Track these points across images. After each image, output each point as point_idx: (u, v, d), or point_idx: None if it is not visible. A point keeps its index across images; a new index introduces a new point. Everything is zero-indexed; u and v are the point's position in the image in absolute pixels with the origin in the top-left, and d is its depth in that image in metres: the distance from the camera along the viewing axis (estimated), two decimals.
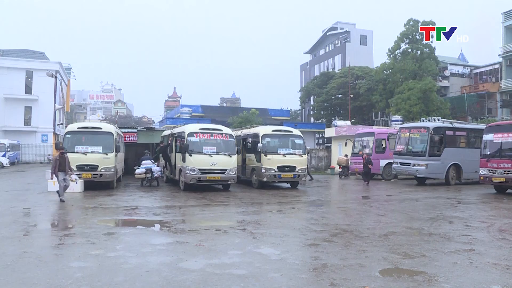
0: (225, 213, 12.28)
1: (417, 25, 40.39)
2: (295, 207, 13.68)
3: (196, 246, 7.59)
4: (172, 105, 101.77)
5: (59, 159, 13.67)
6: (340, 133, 34.36)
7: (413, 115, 36.24)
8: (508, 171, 16.48)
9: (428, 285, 5.49)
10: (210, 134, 17.80)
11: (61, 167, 13.64)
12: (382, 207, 13.64)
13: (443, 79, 49.57)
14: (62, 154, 13.84)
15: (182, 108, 53.05)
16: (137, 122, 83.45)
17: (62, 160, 13.71)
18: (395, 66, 41.45)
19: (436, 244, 7.87)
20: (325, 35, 71.09)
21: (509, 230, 9.54)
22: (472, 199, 15.94)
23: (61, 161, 13.67)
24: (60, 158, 13.71)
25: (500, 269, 6.30)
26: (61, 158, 13.73)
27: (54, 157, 14.11)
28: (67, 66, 58.89)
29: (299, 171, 18.92)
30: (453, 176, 21.44)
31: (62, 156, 13.79)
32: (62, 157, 13.77)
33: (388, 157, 24.85)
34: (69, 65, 60.86)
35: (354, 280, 5.63)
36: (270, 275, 5.87)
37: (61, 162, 13.68)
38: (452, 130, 21.90)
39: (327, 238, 8.39)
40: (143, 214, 11.63)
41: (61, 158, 13.72)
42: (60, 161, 13.66)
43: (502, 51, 42.62)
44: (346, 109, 48.44)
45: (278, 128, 20.71)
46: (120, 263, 6.42)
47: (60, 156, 13.77)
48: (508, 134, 17.03)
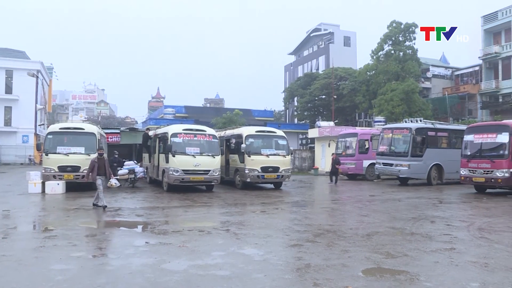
0: (209, 214, 12.25)
1: (400, 27, 40.71)
2: (279, 207, 13.70)
3: (179, 247, 7.55)
4: (155, 106, 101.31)
5: (98, 162, 12.42)
6: (324, 133, 34.50)
7: (396, 116, 36.51)
8: (488, 171, 16.73)
9: (410, 284, 5.54)
10: (193, 135, 17.74)
11: (100, 171, 12.39)
12: (365, 207, 13.73)
13: (425, 80, 50.07)
14: (101, 155, 12.64)
15: (165, 109, 52.85)
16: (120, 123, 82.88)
17: (101, 163, 12.47)
18: (378, 67, 41.73)
19: (418, 244, 7.94)
20: (309, 36, 71.30)
21: (488, 229, 9.68)
22: (453, 199, 16.14)
23: (100, 164, 12.42)
24: (99, 161, 12.46)
25: (479, 267, 6.41)
26: (100, 160, 12.50)
27: (92, 159, 12.67)
28: (49, 66, 58.17)
29: (283, 171, 18.95)
30: (434, 176, 21.68)
31: (101, 158, 12.58)
32: (101, 159, 12.55)
33: (371, 157, 25.01)
34: (51, 64, 60.16)
35: (337, 280, 5.65)
36: (253, 275, 5.87)
37: (100, 165, 12.42)
38: (434, 131, 22.16)
39: (310, 238, 8.42)
40: (126, 215, 11.54)
41: (100, 161, 12.48)
42: (99, 164, 12.42)
43: (482, 54, 43.24)
44: (330, 110, 48.69)
45: (262, 129, 20.73)
46: (102, 265, 6.37)
47: (99, 158, 12.54)
48: (488, 134, 17.29)
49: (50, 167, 16.46)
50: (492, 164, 16.60)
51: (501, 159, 16.40)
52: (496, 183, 16.68)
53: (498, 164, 16.42)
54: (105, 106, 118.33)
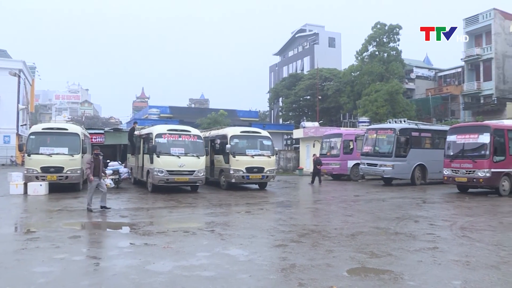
0: (193, 215, 12.22)
1: (384, 28, 41.01)
2: (264, 208, 13.71)
3: (164, 248, 7.51)
4: (140, 106, 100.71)
5: (94, 162, 12.21)
6: (308, 134, 34.62)
7: (380, 116, 36.76)
8: (470, 171, 16.93)
9: (394, 283, 5.59)
10: (178, 135, 17.66)
11: (95, 171, 12.18)
12: (349, 207, 13.80)
13: (409, 81, 50.55)
14: (97, 155, 12.43)
15: (150, 109, 52.56)
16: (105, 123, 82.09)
17: (97, 163, 12.28)
18: (363, 68, 41.99)
19: (402, 243, 8.01)
20: (294, 37, 71.48)
21: (470, 228, 9.81)
22: (436, 199, 16.31)
23: (96, 164, 12.24)
24: (95, 160, 12.26)
25: (461, 265, 6.51)
26: (96, 160, 12.29)
27: (89, 159, 12.39)
28: (32, 65, 57.41)
29: (268, 172, 18.97)
30: (418, 176, 21.87)
31: (97, 158, 12.37)
32: (97, 159, 12.34)
33: (355, 158, 25.15)
34: (33, 64, 59.39)
35: (322, 280, 5.67)
36: (238, 276, 5.87)
37: (96, 165, 12.24)
38: (418, 131, 22.36)
39: (295, 238, 8.44)
40: (110, 216, 11.44)
41: (96, 160, 12.28)
42: (95, 163, 12.22)
43: (464, 56, 43.80)
44: (314, 110, 48.84)
45: (247, 129, 20.72)
46: (86, 267, 6.31)
47: (95, 158, 12.33)
48: (470, 135, 17.51)
49: (32, 168, 16.24)
50: (474, 164, 16.81)
51: (482, 159, 16.62)
52: (478, 183, 16.90)
53: (479, 164, 16.63)
54: (89, 106, 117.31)
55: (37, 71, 61.19)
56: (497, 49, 41.15)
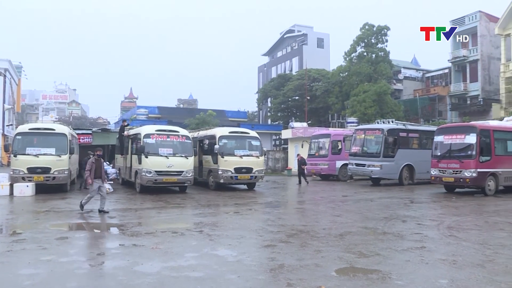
0: (182, 215, 12.19)
1: (372, 29, 41.20)
2: (252, 208, 13.70)
3: (152, 249, 7.48)
4: (128, 106, 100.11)
5: (96, 163, 11.90)
6: (297, 134, 34.68)
7: (368, 117, 36.92)
8: (456, 171, 17.09)
9: (382, 282, 5.62)
10: (166, 136, 17.61)
11: (96, 174, 11.83)
12: (338, 207, 13.84)
13: (397, 82, 50.82)
14: (98, 157, 12.14)
15: (138, 109, 52.21)
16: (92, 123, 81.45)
17: (98, 165, 11.95)
18: (351, 69, 42.15)
19: (389, 243, 8.06)
20: (282, 37, 71.58)
21: (457, 227, 9.90)
22: (424, 199, 16.43)
23: (97, 166, 11.90)
24: (97, 162, 11.94)
25: (448, 264, 6.56)
26: (97, 162, 11.98)
27: (90, 160, 12.08)
28: (18, 65, 56.65)
29: (256, 172, 18.98)
30: (406, 176, 22.02)
31: (99, 160, 12.06)
32: (99, 161, 12.03)
33: (344, 158, 25.25)
34: (19, 63, 58.63)
35: (310, 280, 5.68)
36: (227, 276, 5.86)
37: (97, 167, 11.90)
38: (405, 131, 22.51)
39: (284, 239, 8.44)
40: (98, 217, 11.36)
41: (98, 162, 11.97)
42: (96, 165, 11.90)
43: (451, 57, 44.18)
44: (303, 111, 48.93)
45: (235, 130, 20.75)
46: (74, 269, 6.24)
47: (96, 159, 12.02)
48: (457, 135, 17.68)
49: (18, 169, 16.08)
50: (460, 164, 16.97)
51: (469, 159, 16.78)
52: (464, 182, 17.06)
53: (466, 164, 16.79)
54: (76, 106, 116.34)
55: (24, 70, 60.46)
56: (482, 51, 41.61)
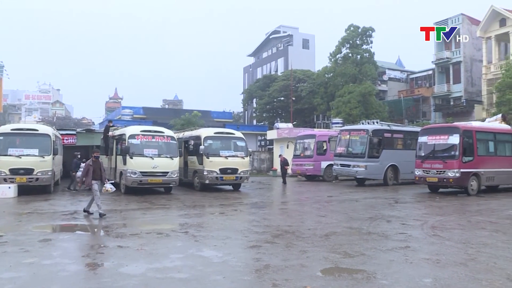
0: (167, 216, 12.13)
1: (357, 30, 41.44)
2: (237, 209, 13.69)
3: (137, 250, 7.44)
4: (113, 107, 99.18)
5: (93, 165, 11.65)
6: (282, 135, 34.74)
7: (353, 117, 37.11)
8: (440, 171, 17.28)
9: (367, 282, 5.65)
10: (151, 136, 17.52)
11: (95, 175, 11.62)
12: (323, 208, 13.89)
13: (382, 83, 51.18)
14: (96, 158, 11.87)
15: (123, 110, 51.87)
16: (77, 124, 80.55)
17: (96, 166, 11.70)
18: (336, 70, 42.34)
19: (374, 243, 8.11)
20: (268, 38, 71.63)
21: (440, 227, 10.02)
22: (408, 199, 16.57)
23: (95, 167, 11.64)
24: (94, 164, 11.69)
25: (431, 263, 6.64)
26: (95, 163, 11.73)
27: (87, 162, 11.84)
28: None
29: (241, 173, 18.97)
30: (390, 176, 22.18)
31: (96, 161, 11.83)
32: (97, 162, 11.79)
33: (329, 158, 25.34)
34: (1, 62, 57.99)
35: (295, 280, 5.70)
36: (212, 277, 5.85)
37: (96, 169, 11.66)
38: (390, 132, 22.69)
39: (269, 239, 8.45)
40: (82, 218, 11.26)
41: (95, 164, 11.72)
42: (94, 167, 11.63)
43: (435, 58, 44.65)
44: (288, 111, 49.01)
45: (220, 131, 20.75)
46: (57, 271, 6.17)
47: (93, 161, 11.75)
48: (441, 136, 17.87)
49: (0, 170, 15.85)
50: (444, 165, 17.16)
51: (452, 160, 16.98)
52: (448, 182, 17.26)
53: (449, 164, 16.99)
54: (60, 106, 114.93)
55: (6, 69, 59.76)
56: (465, 53, 42.15)
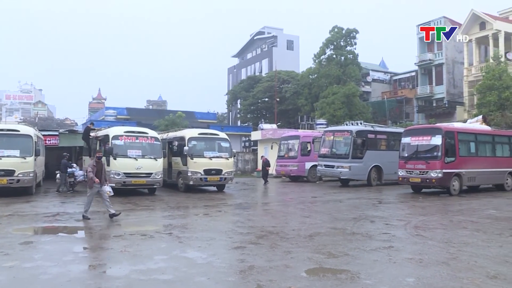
0: (151, 218, 12.06)
1: (341, 32, 41.67)
2: (222, 210, 13.66)
3: (120, 252, 7.38)
4: (96, 107, 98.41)
5: (97, 166, 11.20)
6: (266, 136, 34.79)
7: (337, 118, 37.29)
8: (423, 172, 17.46)
9: (351, 282, 5.68)
10: (135, 137, 17.40)
11: (97, 176, 11.08)
12: (307, 208, 13.94)
13: (366, 84, 51.57)
14: (99, 159, 11.44)
15: (106, 110, 51.36)
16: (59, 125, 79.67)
17: (99, 167, 11.27)
18: (320, 71, 42.52)
19: (358, 243, 8.16)
20: (252, 39, 71.71)
21: (423, 226, 10.12)
22: (392, 199, 16.71)
23: (98, 168, 11.20)
24: (98, 165, 11.24)
25: (414, 263, 6.71)
26: (99, 164, 11.28)
27: (91, 163, 11.43)
28: None
29: (226, 174, 18.95)
30: (374, 177, 22.34)
31: (100, 162, 11.38)
32: (100, 163, 11.35)
33: (313, 159, 25.43)
34: None
35: (280, 281, 5.71)
36: (196, 279, 5.83)
37: (98, 170, 11.20)
38: (374, 133, 22.85)
39: (253, 240, 8.45)
40: (65, 220, 11.13)
41: (99, 165, 11.27)
42: (97, 168, 11.19)
43: (417, 60, 45.14)
44: (272, 112, 49.07)
45: (205, 131, 20.72)
46: (38, 274, 6.08)
47: (97, 162, 11.31)
48: (423, 137, 18.07)
49: None
50: (427, 165, 17.34)
51: (435, 160, 17.17)
52: (430, 183, 17.45)
53: (432, 165, 17.18)
54: (42, 107, 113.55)
55: None
56: (447, 55, 42.70)
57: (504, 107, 28.12)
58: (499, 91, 27.54)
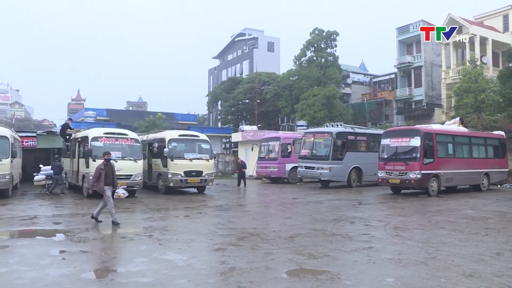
0: (131, 220, 11.94)
1: (322, 34, 41.87)
2: (202, 212, 13.63)
3: (100, 255, 7.30)
4: (75, 108, 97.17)
5: (105, 169, 10.72)
6: (247, 137, 34.79)
7: (318, 120, 37.44)
8: (402, 173, 17.67)
9: (331, 283, 5.72)
10: (115, 139, 17.26)
11: (107, 180, 10.65)
12: (288, 210, 13.98)
13: (346, 86, 51.92)
14: (107, 161, 10.90)
15: (86, 112, 50.74)
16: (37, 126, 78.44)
17: (108, 170, 10.79)
18: (301, 73, 42.67)
19: (338, 244, 8.21)
20: (233, 40, 71.69)
21: (402, 227, 10.23)
22: (372, 200, 16.86)
23: (107, 171, 10.72)
24: (106, 168, 10.75)
25: (394, 263, 6.78)
26: (107, 167, 10.80)
27: (98, 166, 10.89)
28: None
29: (206, 175, 18.92)
30: (354, 178, 22.51)
31: (108, 165, 10.88)
32: (108, 166, 10.85)
33: (293, 161, 25.52)
34: None
35: (260, 282, 5.71)
36: (177, 281, 5.80)
37: (107, 173, 10.72)
38: (354, 135, 23.03)
39: (234, 242, 8.45)
40: (43, 223, 10.98)
41: (107, 168, 10.79)
42: (106, 171, 10.71)
43: (397, 63, 45.69)
44: (253, 114, 49.10)
45: (185, 133, 20.64)
46: (13, 279, 5.94)
47: (105, 164, 10.81)
48: (403, 139, 18.29)
49: None
50: (406, 166, 17.56)
51: (414, 162, 17.40)
52: (409, 184, 17.68)
53: (411, 166, 17.40)
54: (19, 108, 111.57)
55: None
56: (426, 57, 43.32)
57: (480, 109, 28.64)
58: (475, 94, 28.03)
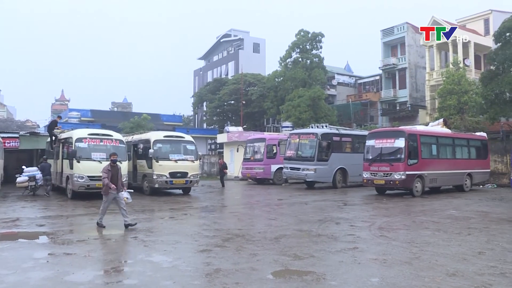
0: (115, 222, 11.81)
1: (307, 35, 42.03)
2: (187, 213, 13.59)
3: (84, 257, 7.24)
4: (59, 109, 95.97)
5: (112, 170, 10.39)
6: (232, 139, 34.76)
7: (303, 121, 37.53)
8: (387, 174, 17.80)
9: (317, 283, 5.74)
10: (99, 140, 17.13)
11: (112, 182, 10.26)
12: (273, 211, 13.99)
13: (331, 87, 52.20)
14: (114, 162, 10.54)
15: (70, 112, 50.25)
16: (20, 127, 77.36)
17: (114, 172, 10.44)
18: (286, 74, 42.77)
19: (324, 245, 8.24)
20: (219, 41, 71.63)
21: (387, 227, 10.31)
22: (357, 201, 16.95)
23: (113, 173, 10.38)
24: (113, 169, 10.41)
25: (378, 263, 6.83)
26: (114, 169, 10.45)
27: (105, 167, 10.47)
28: None
29: (191, 177, 18.87)
30: (339, 179, 22.61)
31: (115, 166, 10.52)
32: (115, 168, 10.50)
33: (278, 162, 25.55)
34: None
35: (246, 283, 5.71)
36: (162, 283, 5.77)
37: (113, 175, 10.37)
38: (339, 136, 23.12)
39: (219, 243, 8.43)
40: (25, 225, 10.82)
41: (114, 169, 10.45)
42: (112, 172, 10.37)
43: (382, 64, 46.12)
44: (238, 115, 49.11)
45: (170, 134, 20.57)
46: None
47: (112, 166, 10.45)
48: (387, 140, 18.42)
49: None
50: (390, 167, 17.69)
51: (398, 163, 17.54)
52: (394, 184, 17.81)
53: (396, 167, 17.54)
54: (1, 108, 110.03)
55: None
56: (410, 59, 43.76)
57: (463, 111, 28.98)
58: (459, 96, 28.36)
